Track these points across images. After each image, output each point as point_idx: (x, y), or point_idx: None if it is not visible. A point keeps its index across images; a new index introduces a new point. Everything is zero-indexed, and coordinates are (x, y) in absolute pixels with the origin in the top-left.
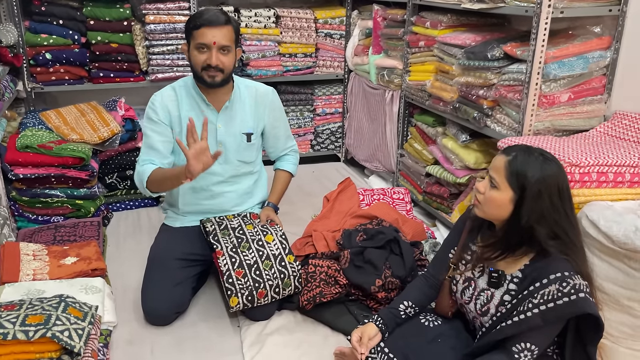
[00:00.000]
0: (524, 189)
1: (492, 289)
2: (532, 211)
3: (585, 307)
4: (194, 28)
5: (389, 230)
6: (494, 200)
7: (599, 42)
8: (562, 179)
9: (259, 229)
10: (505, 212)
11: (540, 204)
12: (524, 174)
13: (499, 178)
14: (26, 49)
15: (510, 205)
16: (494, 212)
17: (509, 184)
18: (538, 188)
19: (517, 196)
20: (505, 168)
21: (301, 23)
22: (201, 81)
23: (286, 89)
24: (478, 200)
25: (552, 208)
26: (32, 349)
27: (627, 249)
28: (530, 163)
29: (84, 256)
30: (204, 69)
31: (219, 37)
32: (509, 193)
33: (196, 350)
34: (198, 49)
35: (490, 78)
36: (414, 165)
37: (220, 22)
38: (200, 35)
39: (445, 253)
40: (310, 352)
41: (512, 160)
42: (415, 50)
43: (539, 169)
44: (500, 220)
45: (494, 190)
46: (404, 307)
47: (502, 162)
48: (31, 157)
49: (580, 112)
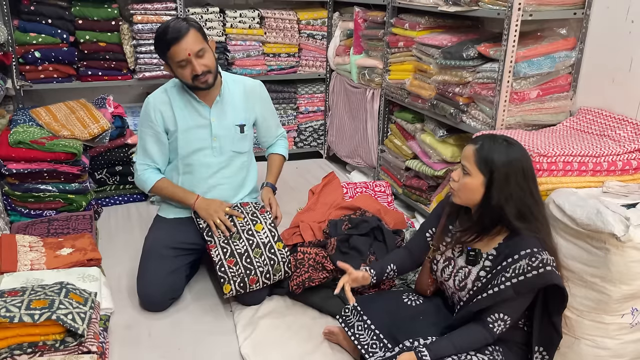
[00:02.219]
0: (492, 172)
1: (470, 266)
2: (501, 191)
3: (552, 279)
4: (165, 49)
5: (372, 219)
6: (467, 185)
7: (565, 43)
8: (525, 160)
9: (248, 218)
10: (477, 196)
11: (507, 184)
12: (491, 158)
13: (469, 165)
14: (15, 48)
15: (482, 189)
16: (468, 196)
17: (479, 170)
18: (505, 171)
19: (487, 179)
20: (474, 155)
21: (284, 24)
22: (197, 88)
23: (270, 87)
24: (453, 188)
25: (518, 187)
26: (37, 332)
27: (589, 229)
28: (496, 148)
29: (79, 247)
30: (194, 79)
31: (190, 46)
32: (480, 177)
33: (192, 332)
34: (179, 66)
35: (465, 76)
36: (394, 160)
37: (183, 32)
38: (174, 54)
39: (424, 230)
40: (300, 333)
41: (480, 147)
42: (394, 51)
43: (504, 153)
44: (474, 203)
45: (467, 177)
46: (389, 269)
47: (471, 151)
48: (24, 152)
49: (548, 107)
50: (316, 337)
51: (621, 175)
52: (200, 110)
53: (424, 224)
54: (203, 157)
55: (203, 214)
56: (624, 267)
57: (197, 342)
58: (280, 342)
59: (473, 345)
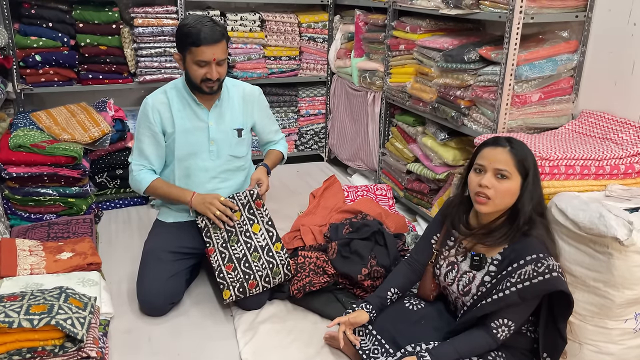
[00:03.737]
0: (527, 171)
1: (474, 271)
2: (534, 190)
3: (557, 285)
4: (192, 44)
5: (373, 223)
6: (509, 190)
7: (567, 46)
8: None
9: (245, 217)
10: (514, 199)
11: (536, 181)
12: (525, 157)
13: (509, 168)
14: (16, 51)
15: (519, 191)
16: (506, 202)
17: (518, 171)
18: (534, 167)
19: (523, 180)
20: (512, 158)
21: (285, 27)
22: (199, 90)
23: (271, 90)
24: (487, 196)
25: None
26: (36, 337)
27: (592, 234)
28: (523, 147)
29: (79, 251)
30: (203, 81)
31: (218, 54)
32: (518, 180)
33: (192, 337)
34: (197, 64)
35: (466, 79)
36: (395, 163)
37: (218, 38)
38: (200, 53)
39: (428, 238)
40: (300, 338)
41: (512, 149)
42: (395, 54)
43: (530, 152)
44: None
45: (506, 181)
46: (390, 294)
47: (505, 154)
48: (24, 156)
49: (550, 111)
50: (317, 342)
51: (624, 178)
52: (198, 113)
53: (428, 231)
54: (201, 161)
55: (200, 208)
56: (627, 272)
57: (197, 347)
58: (281, 347)
59: (476, 350)
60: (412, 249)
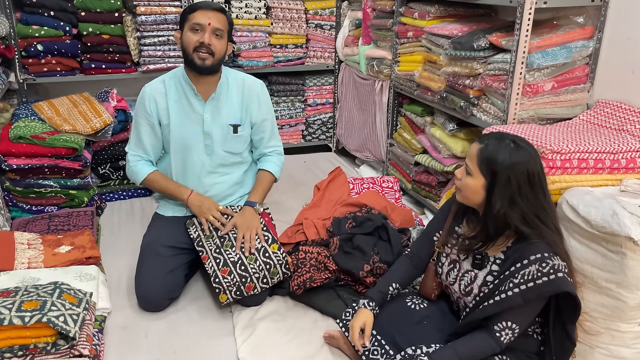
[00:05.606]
0: (494, 175)
1: (476, 270)
2: (503, 197)
3: (563, 286)
4: (190, 12)
5: (377, 217)
6: (468, 186)
7: (582, 32)
8: (532, 165)
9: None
10: (479, 198)
11: (509, 189)
12: (494, 160)
13: (472, 165)
14: (18, 41)
15: (483, 192)
16: (470, 197)
17: (480, 171)
18: (507, 174)
19: (488, 182)
20: (477, 155)
21: (292, 14)
22: (192, 65)
23: (277, 79)
24: (457, 187)
25: (520, 194)
26: (28, 334)
27: (604, 232)
28: (501, 150)
29: (78, 245)
30: (196, 50)
31: (213, 20)
32: (481, 179)
33: (189, 334)
34: (192, 30)
35: (476, 68)
36: (403, 155)
37: (216, 7)
38: (195, 17)
39: (430, 233)
40: (300, 336)
41: (484, 147)
42: (404, 41)
43: (508, 156)
44: (477, 205)
45: (469, 177)
46: (392, 289)
47: (475, 150)
48: (24, 147)
49: (563, 100)
50: (316, 341)
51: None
52: (194, 105)
53: (430, 226)
54: (196, 155)
55: (195, 210)
56: None
57: (194, 345)
58: (280, 346)
59: (478, 355)
60: (413, 244)
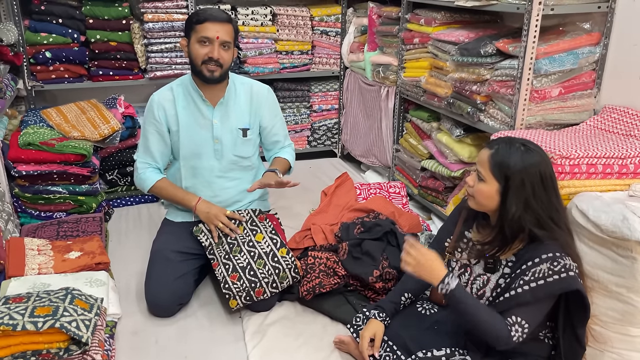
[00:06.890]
0: (508, 179)
1: (489, 274)
2: (518, 200)
3: (573, 284)
4: (197, 22)
5: (385, 223)
6: (482, 192)
7: (589, 38)
8: (544, 167)
9: (248, 229)
10: (493, 203)
11: (524, 192)
12: (506, 165)
13: (484, 171)
14: (26, 48)
15: (497, 196)
16: (484, 203)
17: (493, 176)
18: (521, 177)
19: (502, 187)
20: (488, 161)
21: (297, 21)
22: (200, 76)
23: (283, 85)
24: (469, 193)
25: (534, 196)
26: (40, 340)
27: (615, 237)
28: (512, 154)
29: (87, 250)
30: (204, 63)
31: (221, 33)
32: (495, 184)
33: (199, 339)
34: (200, 42)
35: (483, 74)
36: (410, 160)
37: (223, 18)
38: (203, 29)
39: (441, 241)
40: (310, 341)
41: (495, 152)
42: (410, 47)
43: (520, 159)
44: (490, 210)
45: (482, 183)
46: (404, 299)
47: (485, 156)
48: (33, 154)
49: (570, 106)
50: (327, 346)
51: None
52: (203, 111)
53: (440, 233)
54: (206, 160)
55: (203, 217)
56: None
57: (204, 350)
58: (290, 351)
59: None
60: None
